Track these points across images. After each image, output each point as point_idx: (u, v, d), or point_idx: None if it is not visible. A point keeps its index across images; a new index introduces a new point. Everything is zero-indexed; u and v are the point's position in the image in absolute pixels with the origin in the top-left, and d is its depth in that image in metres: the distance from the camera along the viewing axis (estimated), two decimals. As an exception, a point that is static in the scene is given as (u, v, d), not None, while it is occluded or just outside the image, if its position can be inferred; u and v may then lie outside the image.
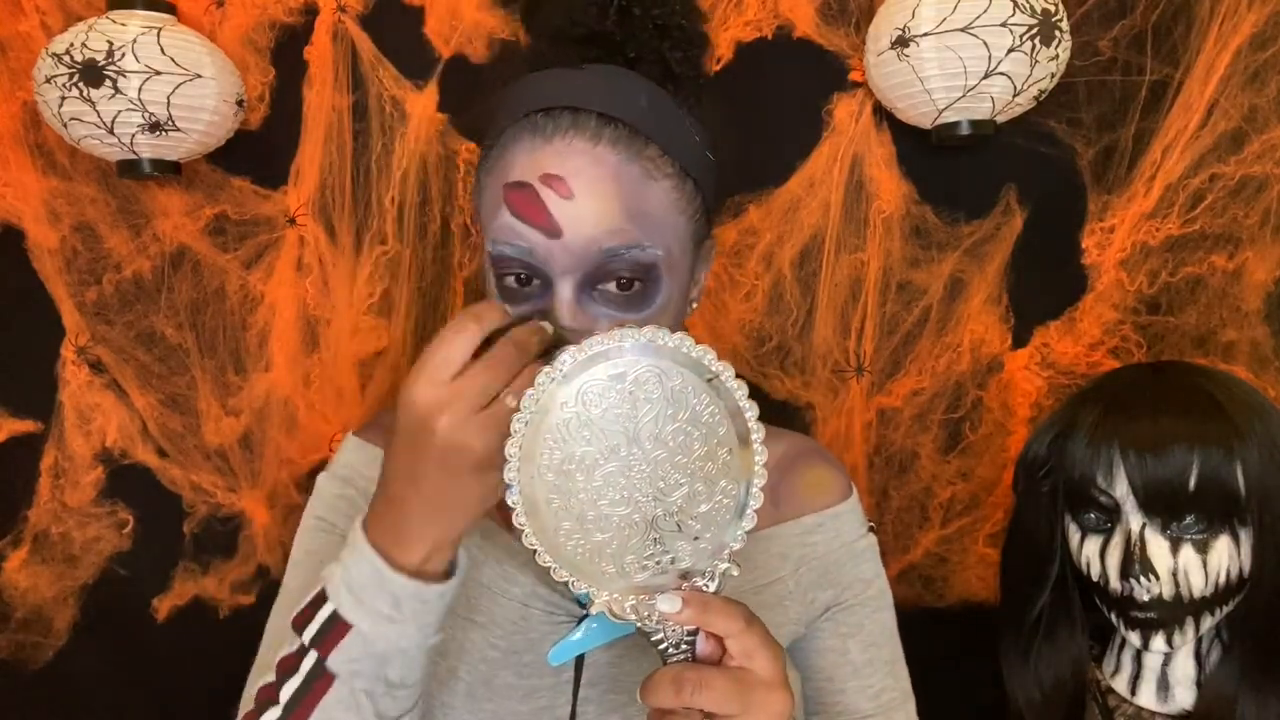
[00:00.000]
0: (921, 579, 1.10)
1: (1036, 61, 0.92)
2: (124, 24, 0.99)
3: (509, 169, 0.63)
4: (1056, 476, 0.88)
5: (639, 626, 0.54)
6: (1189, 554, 0.80)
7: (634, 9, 0.66)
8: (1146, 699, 0.88)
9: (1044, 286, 1.06)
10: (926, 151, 1.05)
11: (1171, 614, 0.81)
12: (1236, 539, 0.80)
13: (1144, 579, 0.80)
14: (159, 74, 0.98)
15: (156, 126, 1.00)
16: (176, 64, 0.99)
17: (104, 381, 1.16)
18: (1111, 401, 0.84)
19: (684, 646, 0.54)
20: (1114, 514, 0.83)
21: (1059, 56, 0.95)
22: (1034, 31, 0.91)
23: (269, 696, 0.59)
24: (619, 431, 0.53)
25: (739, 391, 0.53)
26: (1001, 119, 0.99)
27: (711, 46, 1.03)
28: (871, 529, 0.80)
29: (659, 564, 0.54)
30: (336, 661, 0.57)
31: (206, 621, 1.17)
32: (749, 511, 0.54)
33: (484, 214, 0.66)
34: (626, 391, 0.53)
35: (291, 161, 1.12)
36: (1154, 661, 0.87)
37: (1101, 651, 0.93)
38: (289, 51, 1.11)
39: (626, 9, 0.66)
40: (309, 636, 0.58)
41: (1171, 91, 1.03)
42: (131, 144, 1.01)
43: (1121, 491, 0.81)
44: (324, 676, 0.57)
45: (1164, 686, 0.87)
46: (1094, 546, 0.85)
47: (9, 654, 1.18)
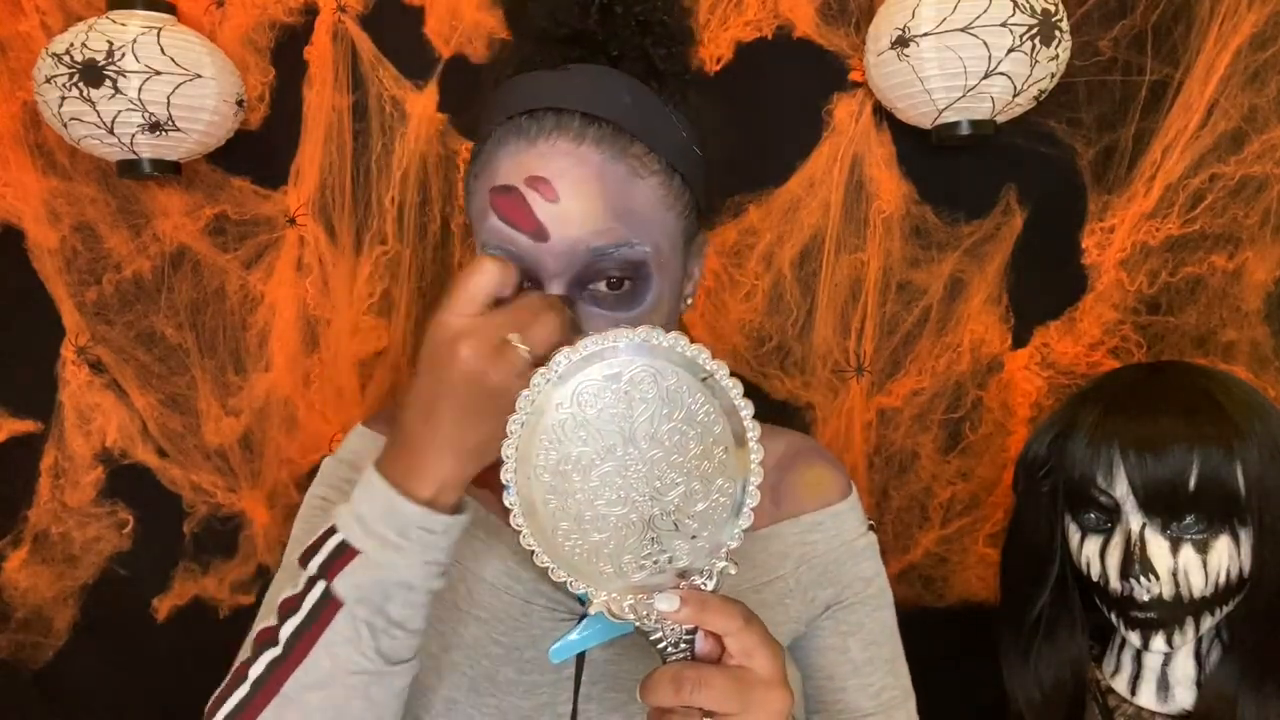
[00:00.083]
0: (921, 579, 1.10)
1: (1036, 61, 0.92)
2: (124, 24, 0.99)
3: (495, 173, 0.64)
4: (1056, 476, 0.88)
5: (638, 626, 0.54)
6: (1189, 554, 0.80)
7: (615, 7, 0.66)
8: (1146, 699, 0.88)
9: (1044, 286, 1.06)
10: (926, 151, 1.05)
11: (1171, 614, 0.81)
12: (1236, 539, 0.80)
13: (1144, 579, 0.80)
14: (159, 74, 0.98)
15: (156, 126, 1.00)
16: (176, 64, 0.99)
17: (104, 381, 1.16)
18: (1111, 401, 0.84)
19: (683, 645, 0.54)
20: (1114, 514, 0.83)
21: (1059, 56, 0.95)
22: (1034, 31, 0.91)
23: (268, 637, 0.59)
24: (615, 431, 0.53)
25: (734, 390, 0.53)
26: (1001, 119, 0.99)
27: (697, 42, 1.03)
28: (871, 527, 0.80)
29: (656, 563, 0.54)
30: (342, 586, 0.57)
31: (206, 621, 1.17)
32: (746, 510, 0.54)
33: (473, 218, 0.67)
34: (622, 391, 0.52)
35: (291, 161, 1.12)
36: (1154, 661, 0.87)
37: (1101, 651, 0.93)
38: (289, 51, 1.11)
39: (608, 7, 0.66)
40: (315, 565, 0.58)
41: (1171, 91, 1.03)
42: (131, 144, 1.01)
43: (1121, 491, 0.81)
44: (329, 606, 0.57)
45: (1164, 686, 0.87)
46: (1094, 546, 0.85)
47: (9, 654, 1.18)
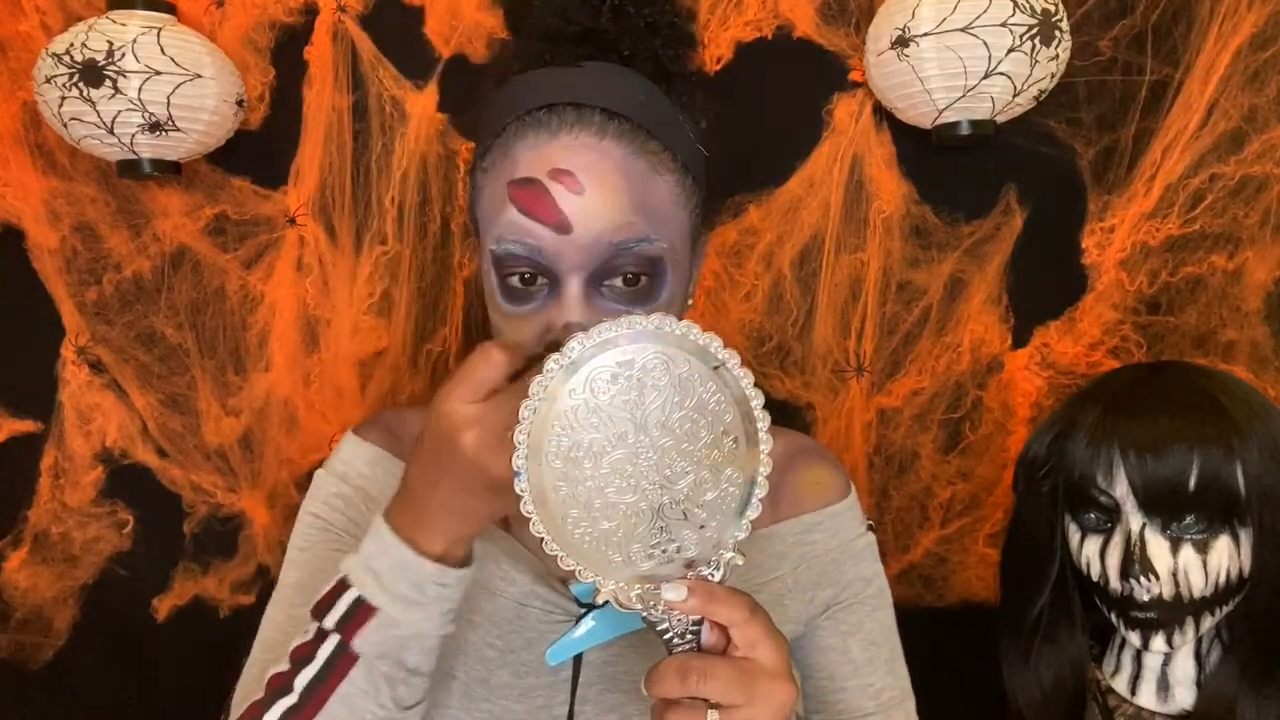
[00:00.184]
0: (921, 579, 1.10)
1: (1036, 61, 0.92)
2: (124, 24, 0.99)
3: (513, 166, 0.63)
4: (1056, 476, 0.88)
5: (644, 616, 0.54)
6: (1189, 554, 0.80)
7: (628, 7, 0.66)
8: (1146, 699, 0.88)
9: (1044, 286, 1.06)
10: (926, 151, 1.05)
11: (1171, 614, 0.81)
12: (1236, 539, 0.80)
13: (1144, 579, 0.80)
14: (159, 74, 0.98)
15: (156, 126, 1.00)
16: (176, 64, 0.99)
17: (104, 381, 1.16)
18: (1111, 401, 0.84)
19: (689, 636, 0.54)
20: (1114, 514, 0.83)
21: (1059, 56, 0.95)
22: (1034, 31, 0.91)
23: (281, 684, 0.59)
24: (626, 418, 0.53)
25: (745, 379, 0.53)
26: (1001, 119, 0.99)
27: (701, 47, 1.03)
28: (870, 527, 0.80)
29: (665, 553, 0.54)
30: (361, 644, 0.58)
31: (206, 621, 1.16)
32: (755, 500, 0.54)
33: (485, 214, 0.66)
34: (634, 379, 0.52)
35: (291, 161, 1.12)
36: (1154, 661, 0.87)
37: (1101, 651, 0.93)
38: (289, 51, 1.11)
39: (620, 8, 0.66)
40: (332, 621, 0.58)
41: (1171, 91, 1.03)
42: (131, 144, 1.01)
43: (1121, 491, 0.81)
44: (345, 659, 0.58)
45: (1164, 686, 0.87)
46: (1094, 546, 0.85)
47: (9, 654, 1.18)
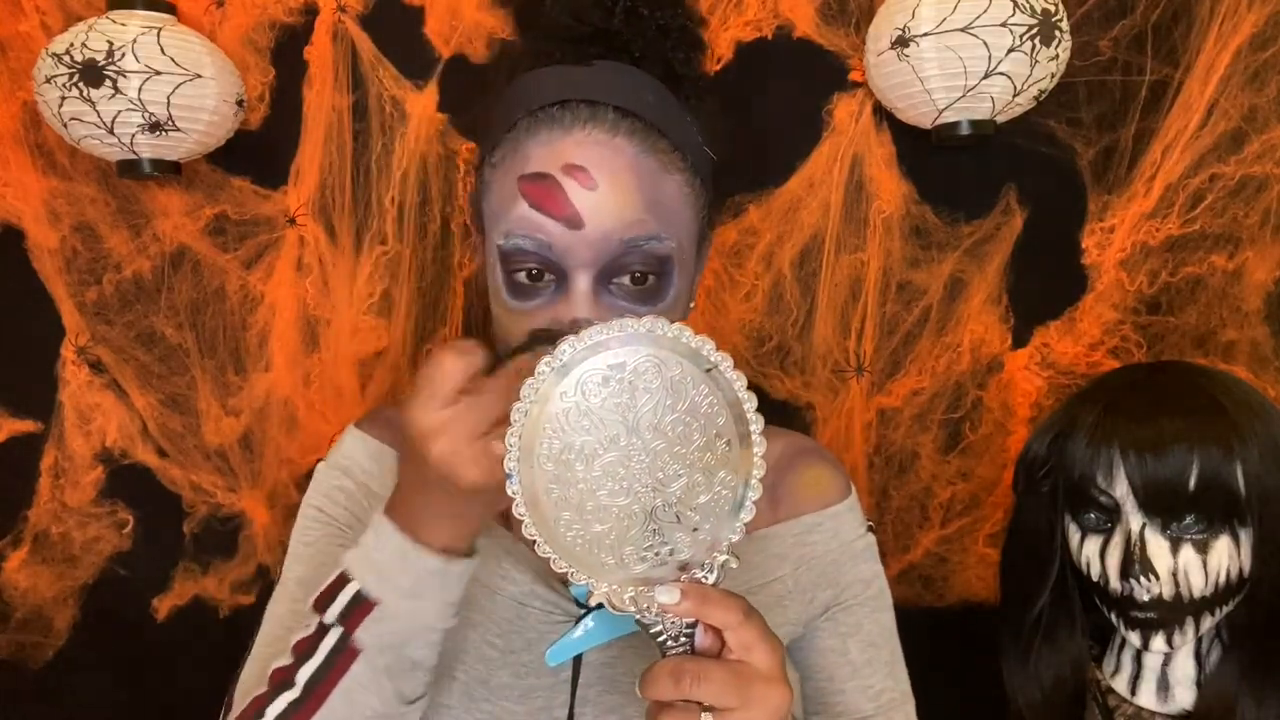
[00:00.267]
0: (921, 579, 1.10)
1: (1036, 61, 0.92)
2: (124, 24, 0.99)
3: (525, 161, 0.63)
4: (1056, 476, 0.87)
5: (638, 619, 0.54)
6: (1189, 554, 0.80)
7: (641, 9, 0.67)
8: (1146, 699, 0.88)
9: (1044, 286, 1.06)
10: (926, 151, 1.05)
11: (1171, 614, 0.81)
12: (1236, 539, 0.80)
13: (1144, 579, 0.80)
14: (159, 74, 0.98)
15: (156, 126, 1.00)
16: (176, 64, 0.99)
17: (104, 381, 1.16)
18: (1111, 401, 0.84)
19: (683, 639, 0.54)
20: (1114, 514, 0.83)
21: (1059, 56, 0.94)
22: (1034, 31, 0.91)
23: (284, 678, 0.59)
24: (618, 421, 0.53)
25: (738, 382, 0.53)
26: (1001, 119, 0.99)
27: (709, 50, 1.04)
28: (870, 528, 0.80)
29: (658, 555, 0.54)
30: (362, 637, 0.57)
31: (206, 621, 1.16)
32: (748, 503, 0.54)
33: (493, 209, 0.66)
34: (626, 381, 0.52)
35: (291, 161, 1.12)
36: (1154, 661, 0.87)
37: (1101, 651, 0.93)
38: (289, 51, 1.11)
39: (634, 9, 0.67)
40: (333, 615, 0.58)
41: (1171, 91, 1.03)
42: (131, 144, 1.01)
43: (1121, 491, 0.81)
44: (347, 653, 0.58)
45: (1164, 686, 0.87)
46: (1094, 546, 0.85)
47: (9, 654, 1.18)
